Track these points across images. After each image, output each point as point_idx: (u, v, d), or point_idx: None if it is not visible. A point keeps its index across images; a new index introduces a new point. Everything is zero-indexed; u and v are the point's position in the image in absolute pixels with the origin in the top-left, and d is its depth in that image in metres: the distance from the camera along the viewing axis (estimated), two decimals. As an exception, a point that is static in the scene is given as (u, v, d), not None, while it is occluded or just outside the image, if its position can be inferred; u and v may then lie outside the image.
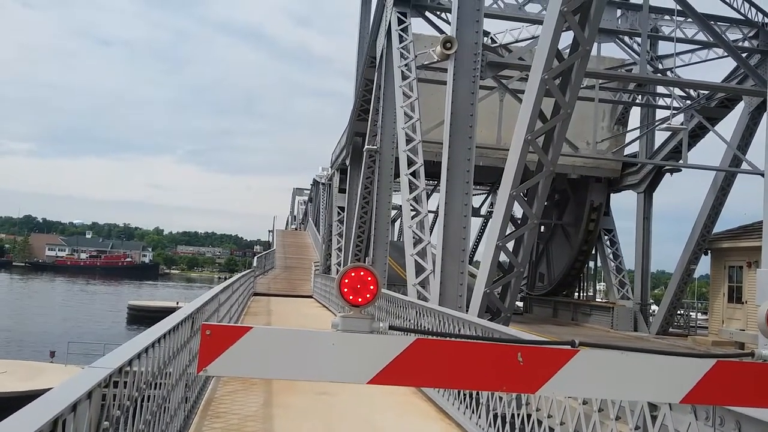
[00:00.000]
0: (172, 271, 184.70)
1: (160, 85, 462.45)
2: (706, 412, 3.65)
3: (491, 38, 26.33)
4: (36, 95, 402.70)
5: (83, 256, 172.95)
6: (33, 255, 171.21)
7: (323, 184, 59.27)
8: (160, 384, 5.45)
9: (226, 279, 22.87)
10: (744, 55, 23.59)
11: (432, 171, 21.13)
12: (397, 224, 56.96)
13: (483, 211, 41.61)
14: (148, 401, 4.94)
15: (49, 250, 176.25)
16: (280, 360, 2.52)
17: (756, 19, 24.63)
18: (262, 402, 9.49)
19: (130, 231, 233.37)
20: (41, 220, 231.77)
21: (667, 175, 29.32)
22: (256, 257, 47.66)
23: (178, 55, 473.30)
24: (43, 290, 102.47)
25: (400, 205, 20.30)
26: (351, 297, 2.64)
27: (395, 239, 50.27)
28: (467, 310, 14.12)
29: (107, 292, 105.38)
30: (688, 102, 26.42)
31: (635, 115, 32.02)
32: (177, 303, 51.14)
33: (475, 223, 43.63)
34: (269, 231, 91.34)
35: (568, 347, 2.66)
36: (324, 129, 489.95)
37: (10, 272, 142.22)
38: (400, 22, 21.34)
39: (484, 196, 42.39)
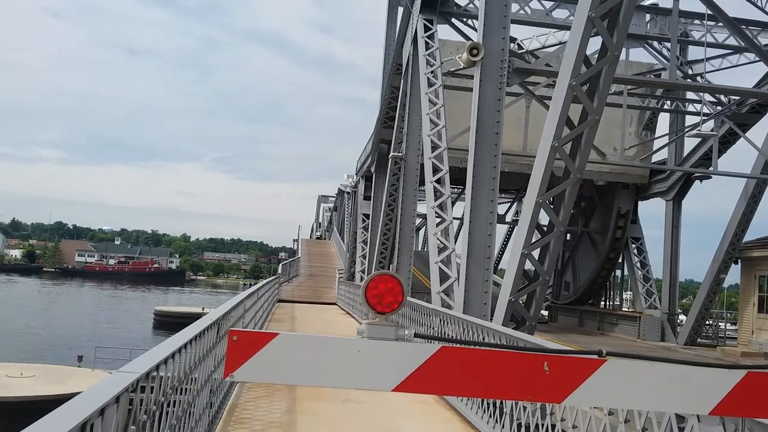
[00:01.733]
0: (199, 278, 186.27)
1: (187, 93, 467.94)
2: (735, 425, 3.59)
3: (518, 44, 26.25)
4: (66, 104, 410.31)
5: (112, 262, 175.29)
6: (63, 261, 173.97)
7: (348, 193, 59.47)
8: (186, 389, 5.50)
9: (251, 285, 23.01)
10: (776, 60, 23.22)
11: (457, 177, 21.10)
12: (421, 234, 56.92)
13: (509, 218, 41.42)
14: (174, 406, 4.98)
15: (78, 256, 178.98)
16: (306, 366, 2.52)
17: (788, 24, 24.24)
18: (286, 408, 9.52)
19: (158, 237, 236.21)
20: (71, 227, 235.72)
21: (697, 182, 28.92)
22: (281, 264, 47.89)
23: (204, 63, 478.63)
24: (72, 295, 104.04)
25: (425, 214, 20.27)
26: (377, 304, 2.64)
27: (419, 249, 50.22)
28: (491, 319, 14.04)
29: (134, 297, 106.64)
30: (719, 108, 26.04)
31: (664, 121, 31.68)
32: (203, 309, 51.61)
33: (501, 230, 43.47)
34: (294, 240, 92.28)
35: (595, 357, 2.63)
36: (349, 136, 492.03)
37: (41, 278, 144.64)
38: (427, 29, 21.38)
39: (509, 202, 42.20)
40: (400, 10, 29.36)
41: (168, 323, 55.77)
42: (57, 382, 25.27)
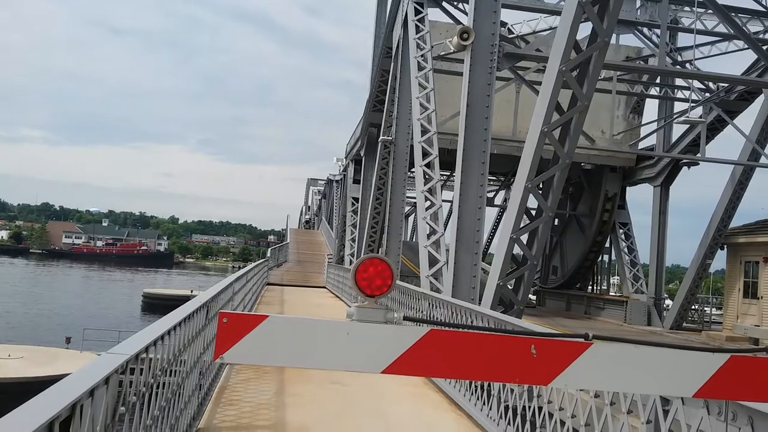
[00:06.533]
0: (187, 260, 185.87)
1: (172, 74, 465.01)
2: (718, 407, 3.65)
3: (508, 29, 26.17)
4: (50, 84, 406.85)
5: (99, 243, 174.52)
6: (50, 242, 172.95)
7: (337, 181, 59.40)
8: (175, 371, 5.51)
9: (240, 268, 23.00)
10: (765, 47, 23.26)
11: (446, 160, 21.10)
12: (410, 221, 56.84)
13: (498, 201, 41.38)
14: (163, 388, 5.00)
15: (65, 237, 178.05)
16: (296, 348, 2.54)
17: (777, 11, 24.27)
18: (275, 390, 9.56)
19: (146, 219, 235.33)
20: (58, 208, 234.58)
21: (685, 168, 29.07)
22: (270, 248, 47.85)
23: (189, 44, 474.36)
24: (59, 277, 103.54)
25: (414, 203, 20.27)
26: (366, 287, 2.65)
27: (408, 238, 50.12)
28: (480, 303, 14.12)
29: (122, 279, 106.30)
30: (707, 94, 26.11)
31: (652, 106, 31.75)
32: (191, 291, 51.57)
33: (490, 214, 43.52)
34: (282, 229, 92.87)
35: (582, 340, 2.67)
36: (338, 119, 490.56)
37: (28, 259, 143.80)
38: (417, 12, 21.25)
39: (498, 185, 42.20)
40: (391, -8, 29.13)
41: (156, 305, 55.72)
42: (45, 364, 25.24)
